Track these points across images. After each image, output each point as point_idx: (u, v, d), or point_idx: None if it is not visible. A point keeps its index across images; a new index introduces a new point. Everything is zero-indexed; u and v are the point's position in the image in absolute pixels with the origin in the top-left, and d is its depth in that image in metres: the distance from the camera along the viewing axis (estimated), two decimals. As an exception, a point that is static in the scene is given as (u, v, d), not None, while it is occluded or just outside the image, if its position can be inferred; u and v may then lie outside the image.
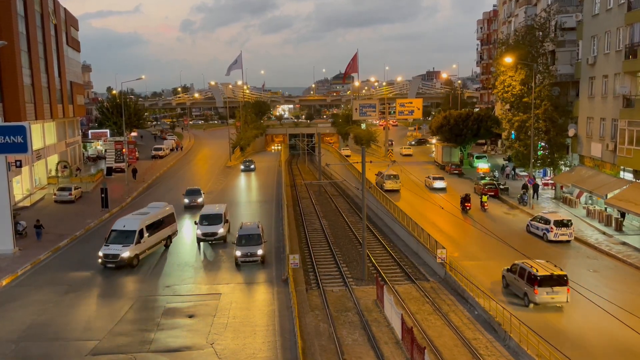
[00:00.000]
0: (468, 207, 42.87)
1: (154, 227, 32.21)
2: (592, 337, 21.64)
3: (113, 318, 23.23)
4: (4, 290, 26.58)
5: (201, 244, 34.21)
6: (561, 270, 24.42)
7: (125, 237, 29.94)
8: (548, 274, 23.88)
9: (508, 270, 26.52)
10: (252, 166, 70.68)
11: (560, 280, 23.72)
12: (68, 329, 22.32)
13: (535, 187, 45.22)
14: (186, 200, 45.45)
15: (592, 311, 22.25)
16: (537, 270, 24.15)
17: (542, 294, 23.71)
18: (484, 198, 44.07)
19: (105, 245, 29.85)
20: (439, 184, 52.57)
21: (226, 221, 35.66)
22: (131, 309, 24.29)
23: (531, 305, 24.20)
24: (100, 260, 29.52)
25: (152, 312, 23.97)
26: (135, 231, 30.19)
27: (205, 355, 19.97)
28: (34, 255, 31.44)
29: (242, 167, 70.57)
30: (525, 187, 45.26)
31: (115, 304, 24.94)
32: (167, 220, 34.08)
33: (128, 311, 24.00)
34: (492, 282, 27.62)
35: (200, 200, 45.41)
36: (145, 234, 31.01)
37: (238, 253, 30.01)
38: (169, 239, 34.14)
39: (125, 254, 29.26)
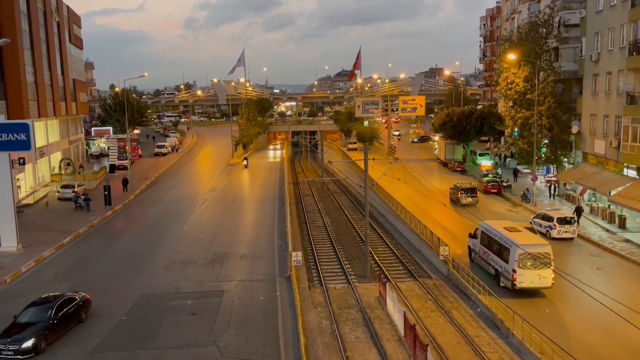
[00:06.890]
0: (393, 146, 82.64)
1: None
2: (595, 334, 21.63)
3: (116, 315, 23.26)
4: (8, 288, 26.67)
5: None
6: None
7: None
8: None
9: None
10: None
11: None
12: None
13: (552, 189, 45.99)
14: None
15: (596, 309, 22.20)
16: None
17: None
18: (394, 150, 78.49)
19: None
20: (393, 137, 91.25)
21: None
22: (134, 305, 24.34)
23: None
24: None
25: (155, 309, 24.01)
26: None
27: (208, 352, 20.02)
28: (37, 252, 31.54)
29: None
30: (515, 173, 50.40)
31: (118, 301, 24.99)
32: None
33: (131, 308, 24.05)
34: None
35: None
36: None
37: None
38: None
39: None
